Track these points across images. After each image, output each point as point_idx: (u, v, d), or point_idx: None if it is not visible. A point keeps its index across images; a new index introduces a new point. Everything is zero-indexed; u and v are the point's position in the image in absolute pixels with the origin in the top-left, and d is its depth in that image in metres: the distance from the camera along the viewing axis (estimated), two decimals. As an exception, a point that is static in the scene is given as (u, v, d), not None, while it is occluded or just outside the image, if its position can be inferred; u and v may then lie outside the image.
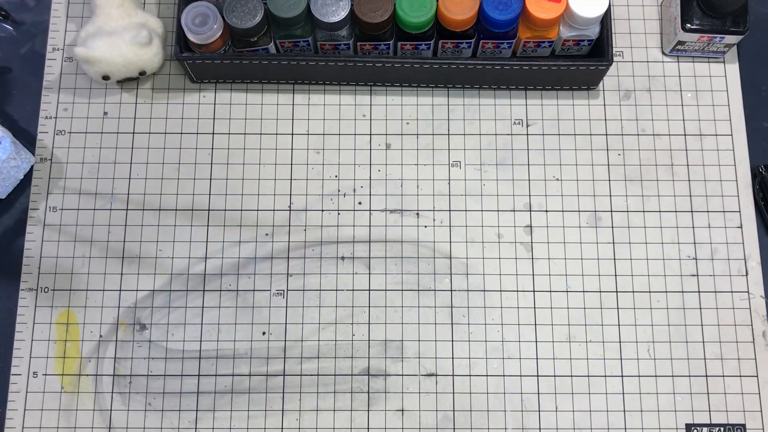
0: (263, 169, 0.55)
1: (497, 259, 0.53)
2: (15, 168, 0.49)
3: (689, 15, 0.54)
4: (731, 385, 0.51)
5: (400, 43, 0.53)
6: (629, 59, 0.57)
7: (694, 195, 0.54)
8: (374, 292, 0.52)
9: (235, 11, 0.51)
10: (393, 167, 0.55)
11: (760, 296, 0.52)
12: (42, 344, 0.51)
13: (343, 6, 0.50)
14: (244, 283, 0.53)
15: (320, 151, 0.55)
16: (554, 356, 0.51)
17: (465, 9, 0.50)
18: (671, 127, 0.56)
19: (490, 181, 0.54)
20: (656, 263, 0.53)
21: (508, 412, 0.50)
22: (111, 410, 0.51)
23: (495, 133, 0.55)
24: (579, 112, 0.56)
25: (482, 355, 0.51)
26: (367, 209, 0.54)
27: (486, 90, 0.56)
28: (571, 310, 0.52)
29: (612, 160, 0.55)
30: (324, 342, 0.52)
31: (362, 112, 0.56)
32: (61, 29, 0.58)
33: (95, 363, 0.51)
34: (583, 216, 0.54)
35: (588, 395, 0.51)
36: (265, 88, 0.56)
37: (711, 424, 0.50)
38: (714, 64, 0.57)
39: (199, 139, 0.55)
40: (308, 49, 0.53)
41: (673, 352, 0.51)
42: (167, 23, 0.57)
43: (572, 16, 0.51)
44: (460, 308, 0.52)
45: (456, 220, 0.54)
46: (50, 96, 0.56)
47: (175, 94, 0.56)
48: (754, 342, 0.52)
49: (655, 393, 0.51)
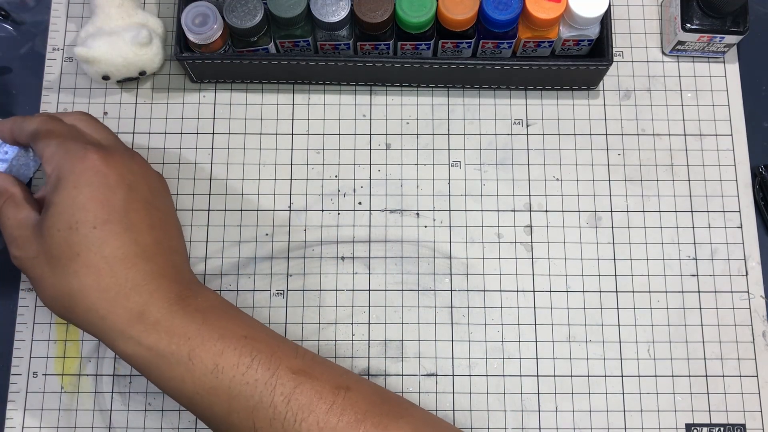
0: (263, 169, 0.55)
1: (497, 259, 0.53)
2: (24, 166, 0.49)
3: (689, 15, 0.54)
4: (731, 385, 0.51)
5: (400, 43, 0.53)
6: (629, 59, 0.57)
7: (694, 195, 0.54)
8: (374, 292, 0.52)
9: (235, 11, 0.51)
10: (393, 167, 0.55)
11: (760, 296, 0.52)
12: (42, 344, 0.51)
13: (343, 6, 0.50)
14: (244, 283, 0.53)
15: (320, 151, 0.55)
16: (554, 356, 0.51)
17: (465, 9, 0.50)
18: (671, 127, 0.56)
19: (490, 181, 0.54)
20: (656, 263, 0.53)
21: (508, 412, 0.51)
22: (111, 410, 0.51)
23: (495, 133, 0.55)
24: (579, 112, 0.56)
25: (482, 355, 0.51)
26: (367, 209, 0.54)
27: (486, 90, 0.56)
28: (571, 310, 0.52)
29: (612, 160, 0.55)
30: (324, 342, 0.52)
31: (362, 112, 0.56)
32: (61, 29, 0.58)
33: (95, 363, 0.51)
34: (583, 216, 0.54)
35: (588, 395, 0.51)
36: (265, 88, 0.56)
37: (711, 424, 0.50)
38: (714, 64, 0.57)
39: (199, 139, 0.55)
40: (308, 49, 0.53)
41: (673, 352, 0.51)
42: (167, 23, 0.57)
43: (572, 16, 0.51)
44: (460, 308, 0.52)
45: (456, 220, 0.54)
46: (50, 96, 0.56)
47: (175, 94, 0.56)
48: (754, 342, 0.52)
49: (655, 393, 0.51)
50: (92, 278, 0.41)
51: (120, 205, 0.43)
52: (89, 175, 0.42)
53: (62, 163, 0.43)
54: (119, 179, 0.43)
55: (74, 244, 0.41)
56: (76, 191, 0.42)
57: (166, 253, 0.44)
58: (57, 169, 0.43)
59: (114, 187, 0.43)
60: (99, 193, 0.42)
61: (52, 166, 0.43)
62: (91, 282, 0.41)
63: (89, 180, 0.42)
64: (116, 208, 0.42)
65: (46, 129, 0.45)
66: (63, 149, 0.43)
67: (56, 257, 0.42)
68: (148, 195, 0.45)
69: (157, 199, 0.46)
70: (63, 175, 0.43)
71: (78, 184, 0.42)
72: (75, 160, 0.43)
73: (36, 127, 0.45)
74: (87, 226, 0.42)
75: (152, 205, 0.45)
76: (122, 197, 0.43)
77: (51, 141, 0.44)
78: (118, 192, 0.43)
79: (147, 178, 0.46)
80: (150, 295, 0.42)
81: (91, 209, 0.42)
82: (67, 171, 0.43)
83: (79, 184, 0.42)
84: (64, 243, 0.42)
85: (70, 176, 0.42)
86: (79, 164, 0.43)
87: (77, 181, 0.42)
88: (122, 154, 0.45)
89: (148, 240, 0.43)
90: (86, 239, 0.42)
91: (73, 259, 0.41)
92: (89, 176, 0.42)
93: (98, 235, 0.42)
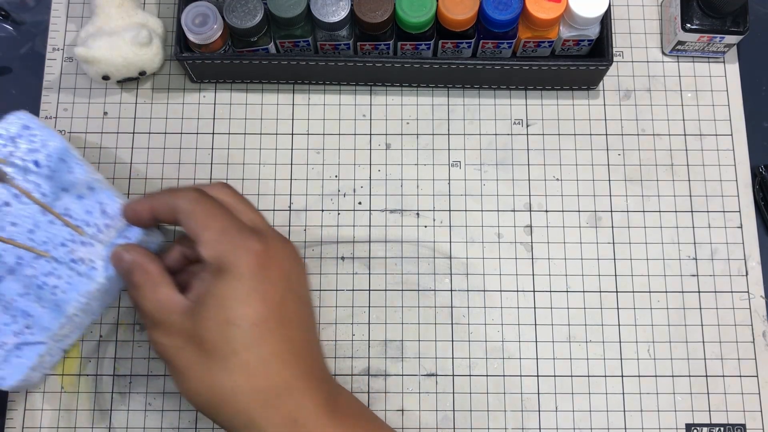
0: (263, 169, 0.55)
1: (497, 259, 0.53)
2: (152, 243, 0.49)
3: (689, 15, 0.54)
4: (731, 385, 0.51)
5: (400, 43, 0.53)
6: (629, 59, 0.57)
7: (694, 195, 0.54)
8: (374, 292, 0.52)
9: (235, 11, 0.51)
10: (393, 167, 0.55)
11: (760, 296, 0.52)
12: (42, 344, 0.51)
13: (343, 6, 0.50)
14: (244, 283, 0.53)
15: (320, 151, 0.55)
16: (554, 356, 0.51)
17: (465, 9, 0.50)
18: (671, 127, 0.56)
19: (490, 181, 0.54)
20: (656, 263, 0.53)
21: (508, 412, 0.51)
22: (111, 410, 0.51)
23: (495, 133, 0.55)
24: (579, 112, 0.56)
25: (482, 355, 0.51)
26: (367, 209, 0.54)
27: (486, 90, 0.56)
28: (571, 310, 0.52)
29: (612, 160, 0.55)
30: (324, 342, 0.52)
31: (362, 112, 0.56)
32: (61, 29, 0.58)
33: (95, 363, 0.51)
34: (583, 216, 0.54)
35: (588, 395, 0.51)
36: (265, 88, 0.56)
37: (711, 424, 0.50)
38: (714, 64, 0.57)
39: (199, 139, 0.55)
40: (308, 49, 0.53)
41: (673, 352, 0.51)
42: (167, 23, 0.57)
43: (572, 16, 0.51)
44: (460, 308, 0.52)
45: (456, 220, 0.54)
46: (50, 96, 0.56)
47: (175, 94, 0.56)
48: (754, 342, 0.52)
49: (655, 393, 0.51)
50: (246, 379, 0.40)
51: (278, 300, 0.41)
52: (252, 268, 0.41)
53: (224, 252, 0.41)
54: (279, 272, 0.42)
55: (232, 341, 0.40)
56: (239, 284, 0.40)
57: (313, 348, 0.43)
58: (218, 257, 0.41)
59: (274, 280, 0.41)
60: (261, 287, 0.41)
61: (212, 252, 0.41)
62: (243, 383, 0.39)
63: (252, 273, 0.41)
64: (275, 303, 0.41)
65: (202, 210, 0.42)
66: (225, 236, 0.41)
67: (209, 351, 0.40)
68: (298, 287, 0.43)
69: (303, 290, 0.44)
70: (225, 265, 0.40)
71: (241, 277, 0.40)
72: (238, 250, 0.41)
73: (188, 206, 0.43)
74: (247, 322, 0.40)
75: (301, 297, 0.44)
76: (281, 292, 0.41)
77: (210, 224, 0.42)
78: (277, 286, 0.41)
79: (298, 266, 0.44)
80: (301, 397, 0.40)
81: (252, 304, 0.40)
82: (230, 261, 0.40)
83: (243, 276, 0.40)
84: (221, 338, 0.40)
85: (233, 268, 0.40)
86: (243, 255, 0.41)
87: (241, 273, 0.40)
88: (277, 240, 0.43)
89: (300, 337, 0.42)
90: (245, 337, 0.40)
91: (229, 356, 0.40)
92: (252, 269, 0.41)
93: (257, 333, 0.40)
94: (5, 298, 0.46)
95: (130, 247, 0.46)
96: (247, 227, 0.42)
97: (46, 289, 0.46)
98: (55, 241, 0.47)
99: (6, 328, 0.46)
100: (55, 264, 0.47)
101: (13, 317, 0.46)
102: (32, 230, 0.47)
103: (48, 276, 0.46)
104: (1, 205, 0.47)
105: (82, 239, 0.47)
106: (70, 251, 0.47)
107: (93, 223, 0.47)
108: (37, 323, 0.46)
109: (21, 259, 0.47)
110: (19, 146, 0.48)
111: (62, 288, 0.46)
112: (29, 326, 0.46)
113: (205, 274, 0.41)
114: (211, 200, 0.43)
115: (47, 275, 0.47)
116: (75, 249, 0.47)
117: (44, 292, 0.46)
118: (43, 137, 0.48)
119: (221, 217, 0.42)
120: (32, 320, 0.46)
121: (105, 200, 0.48)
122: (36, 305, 0.46)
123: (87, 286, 0.46)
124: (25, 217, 0.47)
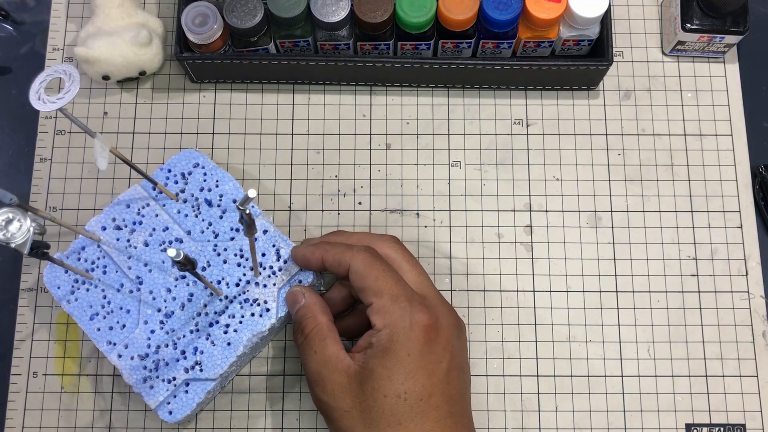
0: (263, 169, 0.55)
1: (497, 259, 0.53)
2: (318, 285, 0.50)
3: (689, 15, 0.54)
4: (731, 385, 0.51)
5: (400, 43, 0.53)
6: (629, 59, 0.57)
7: (694, 195, 0.54)
8: (374, 292, 0.52)
9: (235, 11, 0.51)
10: (393, 167, 0.55)
11: (760, 296, 0.52)
12: (42, 344, 0.51)
13: (343, 6, 0.50)
14: (244, 283, 0.53)
15: (320, 151, 0.55)
16: (554, 356, 0.51)
17: (465, 9, 0.50)
18: (671, 127, 0.56)
19: (490, 181, 0.54)
20: (656, 263, 0.53)
21: (508, 412, 0.51)
22: (111, 410, 0.51)
23: (495, 133, 0.55)
24: (579, 112, 0.56)
25: (482, 355, 0.51)
26: (367, 209, 0.54)
27: (486, 90, 0.56)
28: (571, 310, 0.52)
29: (612, 160, 0.55)
30: (324, 342, 0.52)
31: (362, 112, 0.56)
32: (61, 29, 0.58)
33: (95, 363, 0.51)
34: (583, 216, 0.54)
35: (588, 395, 0.51)
36: (265, 88, 0.56)
37: (711, 424, 0.50)
38: (714, 64, 0.57)
39: (199, 139, 0.55)
40: (308, 49, 0.53)
41: (673, 352, 0.51)
42: (167, 23, 0.57)
43: (572, 16, 0.51)
44: (460, 308, 0.52)
45: (456, 220, 0.54)
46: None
47: (175, 94, 0.56)
48: (754, 342, 0.52)
49: (655, 393, 0.51)
50: None
51: (443, 375, 0.42)
52: (420, 344, 0.42)
53: (395, 323, 0.42)
54: (445, 346, 0.43)
55: (398, 414, 0.41)
56: (409, 359, 0.42)
57: (468, 419, 0.44)
58: (390, 328, 0.42)
59: (440, 355, 0.42)
60: (429, 363, 0.42)
61: (383, 321, 0.43)
62: None
63: (421, 348, 0.42)
64: (440, 378, 0.42)
65: (374, 275, 0.43)
66: (396, 306, 0.43)
67: (375, 421, 0.41)
68: (460, 357, 0.44)
69: (464, 359, 0.45)
70: (396, 338, 0.42)
71: (411, 351, 0.42)
72: (408, 324, 0.42)
73: (361, 268, 0.44)
74: (414, 398, 0.41)
75: (463, 367, 0.45)
76: (446, 366, 0.43)
77: (382, 290, 0.43)
78: (443, 360, 0.43)
79: (460, 336, 0.45)
80: None
81: (420, 380, 0.41)
82: (401, 335, 0.42)
83: (412, 351, 0.42)
84: (388, 410, 0.41)
85: (404, 341, 0.42)
86: (413, 329, 0.42)
87: (411, 347, 0.42)
88: (442, 309, 0.44)
89: (460, 409, 0.43)
90: (411, 411, 0.41)
91: (394, 427, 0.41)
92: (420, 345, 0.42)
93: (423, 408, 0.41)
94: (177, 334, 0.47)
95: (306, 290, 0.47)
96: (416, 296, 0.44)
97: (218, 327, 0.47)
98: (229, 281, 0.47)
99: (177, 364, 0.46)
100: (228, 303, 0.47)
101: (183, 354, 0.46)
102: (205, 268, 0.48)
103: (221, 315, 0.47)
104: (174, 241, 0.48)
105: (257, 280, 0.48)
106: (243, 291, 0.47)
107: (267, 265, 0.48)
108: (207, 360, 0.46)
109: (193, 296, 0.47)
110: (190, 183, 0.49)
111: (234, 327, 0.47)
112: (199, 362, 0.46)
113: (374, 343, 0.43)
114: (383, 263, 0.44)
115: (220, 314, 0.47)
116: (248, 289, 0.48)
117: (216, 330, 0.47)
118: (216, 177, 0.49)
119: (393, 285, 0.43)
120: (203, 357, 0.46)
121: (280, 244, 0.48)
122: (207, 343, 0.47)
123: (260, 326, 0.47)
124: (198, 254, 0.48)
